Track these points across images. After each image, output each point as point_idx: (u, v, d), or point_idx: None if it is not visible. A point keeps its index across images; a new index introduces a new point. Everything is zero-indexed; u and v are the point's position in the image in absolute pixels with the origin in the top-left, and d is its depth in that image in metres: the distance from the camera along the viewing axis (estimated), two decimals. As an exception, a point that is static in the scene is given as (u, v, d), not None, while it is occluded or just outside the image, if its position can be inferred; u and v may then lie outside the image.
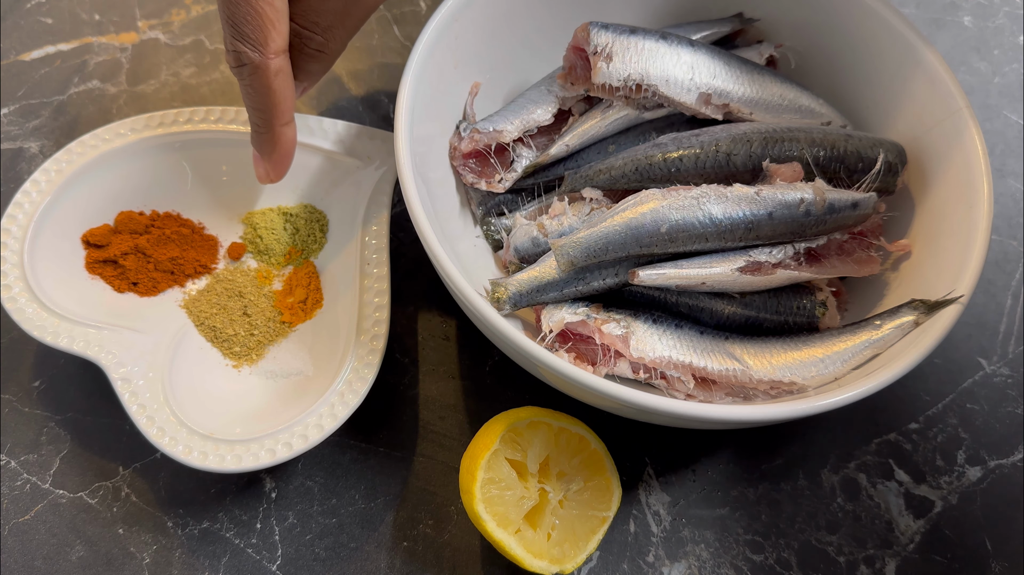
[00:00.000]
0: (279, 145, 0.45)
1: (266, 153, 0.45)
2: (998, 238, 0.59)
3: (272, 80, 0.41)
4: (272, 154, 0.45)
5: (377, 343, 0.47)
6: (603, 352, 0.45)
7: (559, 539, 0.44)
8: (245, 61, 0.40)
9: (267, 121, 0.43)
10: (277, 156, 0.45)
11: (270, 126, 0.43)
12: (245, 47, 0.39)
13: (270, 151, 0.45)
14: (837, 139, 0.48)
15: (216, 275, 0.54)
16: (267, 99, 0.42)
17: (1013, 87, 0.67)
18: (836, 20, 0.53)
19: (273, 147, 0.45)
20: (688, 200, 0.44)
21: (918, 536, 0.48)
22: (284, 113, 0.43)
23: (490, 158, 0.52)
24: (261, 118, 0.43)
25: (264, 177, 0.47)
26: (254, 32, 0.39)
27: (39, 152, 0.61)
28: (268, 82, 0.41)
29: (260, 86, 0.41)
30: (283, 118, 0.43)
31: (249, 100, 0.42)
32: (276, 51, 0.40)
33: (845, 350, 0.44)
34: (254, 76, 0.40)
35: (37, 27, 0.68)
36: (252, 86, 0.41)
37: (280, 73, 0.41)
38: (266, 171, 0.46)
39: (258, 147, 0.45)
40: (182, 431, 0.45)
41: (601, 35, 0.48)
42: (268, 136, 0.44)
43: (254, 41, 0.39)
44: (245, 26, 0.39)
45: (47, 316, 0.47)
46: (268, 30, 0.39)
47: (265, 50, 0.40)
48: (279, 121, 0.43)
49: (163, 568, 0.46)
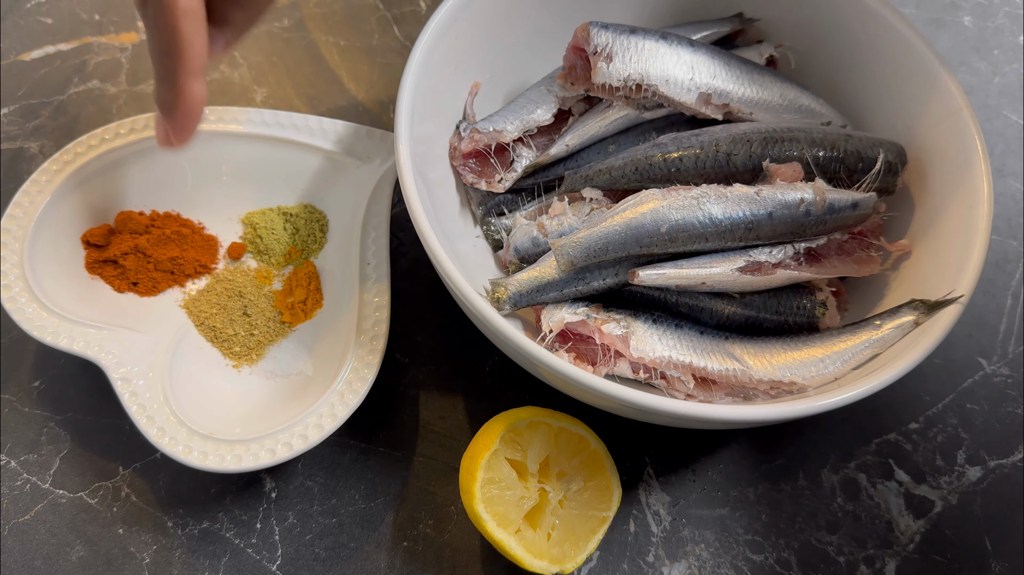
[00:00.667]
0: (183, 100, 0.38)
1: (167, 109, 0.39)
2: (998, 238, 0.59)
3: (179, 20, 0.35)
4: (175, 110, 0.38)
5: (377, 343, 0.47)
6: (603, 352, 0.45)
7: (559, 539, 0.44)
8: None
9: (170, 69, 0.37)
10: (180, 114, 0.39)
11: (174, 75, 0.37)
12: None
13: (172, 107, 0.38)
14: (837, 139, 0.48)
15: (216, 275, 0.54)
16: (173, 42, 0.36)
17: (1013, 87, 0.67)
18: (836, 20, 0.53)
19: (176, 102, 0.38)
20: (688, 200, 0.44)
21: (918, 536, 0.48)
22: (191, 60, 0.37)
23: (490, 158, 0.52)
24: (164, 64, 0.37)
25: (164, 139, 0.40)
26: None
27: (39, 152, 0.61)
28: (174, 22, 0.35)
29: (164, 25, 0.36)
30: (189, 65, 0.37)
31: (152, 42, 0.37)
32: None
33: (845, 350, 0.44)
34: (159, 14, 0.35)
35: (37, 27, 0.68)
36: (156, 25, 0.36)
37: (189, 13, 0.36)
38: (166, 132, 0.40)
39: (160, 102, 0.39)
40: (182, 431, 0.45)
41: (601, 35, 0.48)
42: (171, 87, 0.38)
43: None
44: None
45: (47, 316, 0.47)
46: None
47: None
48: (184, 69, 0.37)
49: (163, 568, 0.46)
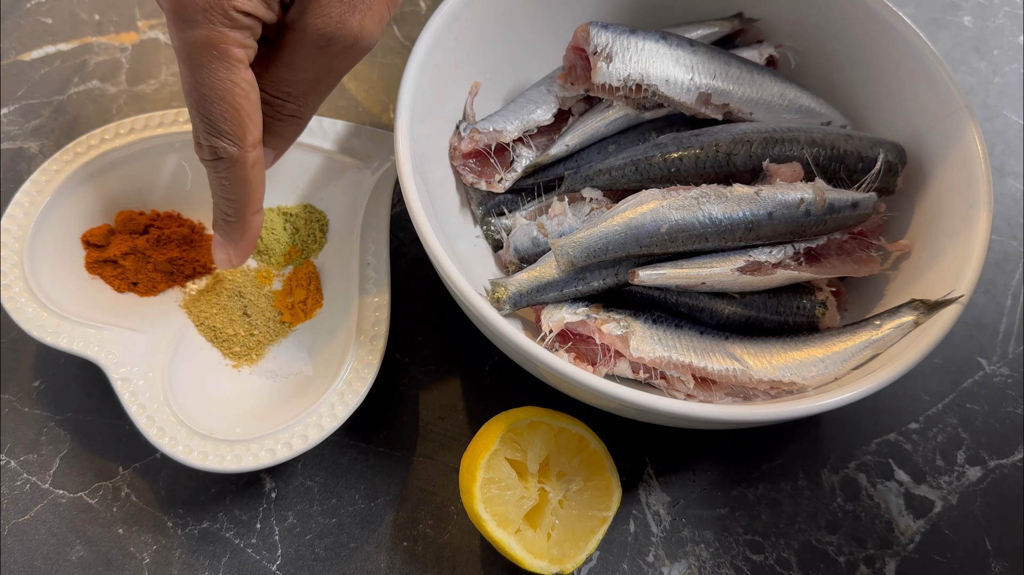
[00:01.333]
0: (247, 233, 0.43)
1: (234, 241, 0.43)
2: (998, 238, 0.59)
3: (249, 171, 0.39)
4: (240, 242, 0.43)
5: (377, 343, 0.47)
6: (603, 352, 0.45)
7: (559, 539, 0.44)
8: (223, 155, 0.38)
9: (239, 211, 0.41)
10: (245, 243, 0.43)
11: (242, 216, 0.41)
12: (223, 142, 0.37)
13: (238, 239, 0.43)
14: (837, 139, 0.48)
15: (216, 275, 0.54)
16: (243, 190, 0.40)
17: (1013, 87, 0.67)
18: (836, 20, 0.53)
19: (242, 235, 0.43)
20: (688, 200, 0.44)
21: (918, 536, 0.48)
22: (256, 202, 0.41)
23: (490, 158, 0.52)
24: (233, 208, 0.41)
25: (226, 263, 0.45)
26: (232, 128, 0.37)
27: (39, 152, 0.61)
28: (246, 174, 0.39)
29: (236, 179, 0.39)
30: (255, 207, 0.41)
31: (221, 192, 0.40)
32: (254, 143, 0.38)
33: (845, 350, 0.44)
34: (231, 170, 0.39)
35: (37, 27, 0.68)
36: (228, 179, 0.39)
37: (256, 164, 0.39)
38: (228, 257, 0.44)
39: (225, 234, 0.43)
40: (182, 431, 0.45)
41: (601, 35, 0.48)
42: (238, 225, 0.42)
43: (232, 136, 0.37)
44: (223, 123, 0.37)
45: (47, 316, 0.47)
46: (246, 123, 0.37)
47: (243, 144, 0.38)
48: (251, 210, 0.41)
49: (163, 568, 0.46)
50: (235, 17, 0.35)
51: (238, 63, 0.36)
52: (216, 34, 0.34)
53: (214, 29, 0.34)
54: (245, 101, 0.37)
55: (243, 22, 0.35)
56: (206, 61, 0.35)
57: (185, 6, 0.34)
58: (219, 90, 0.36)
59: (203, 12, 0.34)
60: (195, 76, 0.36)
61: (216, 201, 0.42)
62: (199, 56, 0.35)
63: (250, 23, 0.35)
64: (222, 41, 0.35)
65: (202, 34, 0.34)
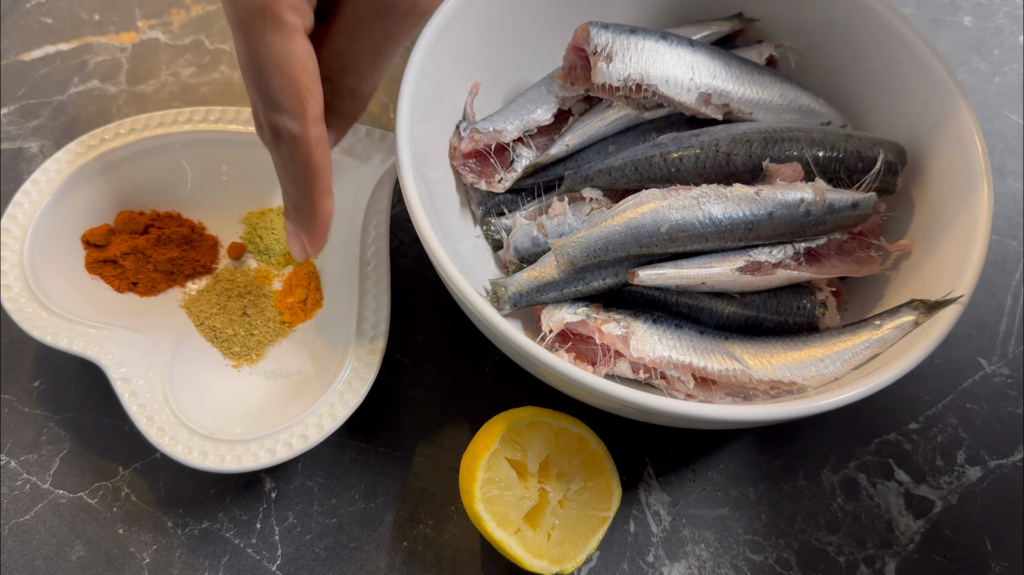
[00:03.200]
0: (319, 217, 0.40)
1: (305, 227, 0.40)
2: (998, 238, 0.59)
3: (313, 150, 0.37)
4: (312, 228, 0.40)
5: (377, 343, 0.47)
6: (603, 352, 0.45)
7: (559, 539, 0.44)
8: (284, 134, 0.36)
9: (308, 194, 0.39)
10: (317, 229, 0.40)
11: (310, 199, 0.39)
12: (283, 118, 0.35)
13: (311, 225, 0.40)
14: (837, 139, 0.48)
15: (216, 275, 0.54)
16: (308, 171, 0.37)
17: (1013, 87, 0.67)
18: (836, 20, 0.53)
19: (315, 220, 0.40)
20: (688, 200, 0.44)
21: (918, 536, 0.48)
22: (324, 183, 0.38)
23: (490, 158, 0.52)
24: (301, 191, 0.39)
25: (301, 253, 0.42)
26: (292, 101, 0.35)
27: (39, 152, 0.61)
28: (310, 153, 0.37)
29: (301, 158, 0.37)
30: (323, 188, 0.39)
31: (287, 174, 0.38)
32: (315, 118, 0.36)
33: (845, 350, 0.44)
34: (294, 148, 0.36)
35: (37, 27, 0.68)
36: (292, 159, 0.37)
37: (320, 141, 0.37)
38: (303, 246, 0.42)
39: (296, 221, 0.41)
40: (182, 431, 0.45)
41: (601, 35, 0.48)
42: (309, 210, 0.39)
43: (293, 111, 0.35)
44: (281, 96, 0.34)
45: (47, 316, 0.47)
46: (306, 97, 0.35)
47: (304, 119, 0.35)
48: (320, 192, 0.39)
49: (163, 568, 0.46)
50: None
51: (294, 30, 0.33)
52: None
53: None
54: (303, 73, 0.34)
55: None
56: (260, 29, 0.33)
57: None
58: (275, 60, 0.34)
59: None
60: (249, 46, 0.33)
61: (283, 187, 0.40)
62: (252, 24, 0.33)
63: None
64: (276, 5, 0.33)
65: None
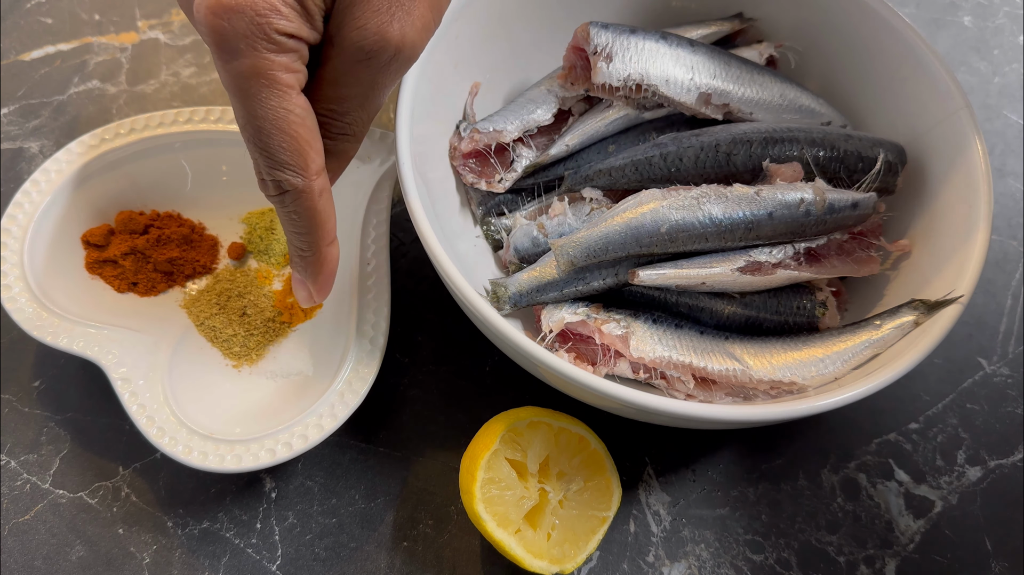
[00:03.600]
0: (325, 266, 0.40)
1: (312, 276, 0.41)
2: (998, 238, 0.59)
3: (317, 201, 0.37)
4: (318, 276, 0.41)
5: (377, 343, 0.47)
6: (603, 352, 0.45)
7: (559, 539, 0.44)
8: (288, 188, 0.36)
9: (313, 244, 0.39)
10: (323, 278, 0.41)
11: (316, 249, 0.39)
12: (286, 174, 0.35)
13: (316, 273, 0.41)
14: (837, 139, 0.48)
15: (216, 275, 0.54)
16: (313, 222, 0.38)
17: (1013, 87, 0.67)
18: (836, 20, 0.53)
19: (320, 269, 0.40)
20: (688, 200, 0.44)
21: (918, 536, 0.48)
22: (329, 233, 0.39)
23: (490, 158, 0.52)
24: (306, 242, 0.39)
25: (307, 300, 0.42)
26: (293, 158, 0.35)
27: (39, 152, 0.61)
28: (313, 204, 0.37)
29: (305, 210, 0.37)
30: (328, 238, 0.39)
31: (292, 226, 0.38)
32: (318, 171, 0.36)
33: (845, 350, 0.44)
34: (298, 202, 0.37)
35: (37, 27, 0.68)
36: (296, 212, 0.37)
37: (324, 192, 0.37)
38: (309, 294, 0.42)
39: (303, 271, 0.41)
40: (182, 431, 0.45)
41: (601, 35, 0.48)
42: (314, 259, 0.40)
43: (295, 167, 0.35)
44: (282, 154, 0.35)
45: (47, 316, 0.47)
46: (306, 151, 0.35)
47: (307, 173, 0.36)
48: (325, 242, 0.39)
49: (163, 568, 0.46)
50: (279, 41, 0.33)
51: (288, 89, 0.34)
52: (262, 61, 0.33)
53: (259, 56, 0.33)
54: (302, 128, 0.35)
55: (288, 45, 0.33)
56: (255, 91, 0.33)
57: (227, 36, 0.32)
58: (273, 120, 0.34)
59: (246, 40, 0.32)
60: (247, 108, 0.34)
61: (289, 239, 0.40)
62: (247, 87, 0.33)
63: (295, 45, 0.34)
64: (269, 68, 0.33)
65: (247, 63, 0.33)
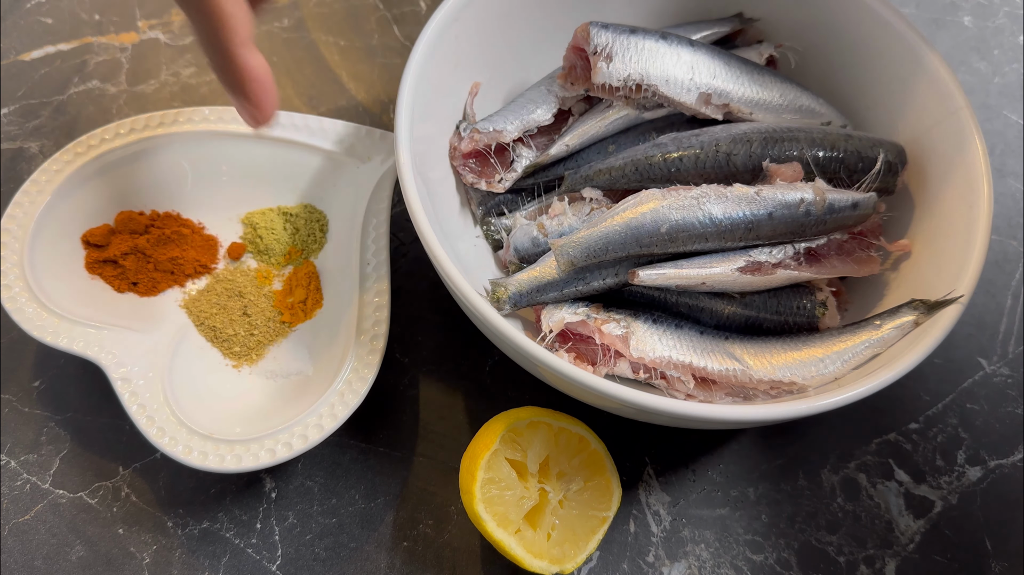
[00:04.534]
0: (248, 72, 0.36)
1: (237, 87, 0.37)
2: (998, 238, 0.59)
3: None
4: (244, 86, 0.36)
5: (377, 343, 0.47)
6: (603, 352, 0.45)
7: (559, 539, 0.44)
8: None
9: (221, 47, 0.35)
10: (250, 87, 0.36)
11: (226, 51, 0.35)
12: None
13: (239, 82, 0.36)
14: (837, 139, 0.48)
15: (216, 275, 0.54)
16: (218, 21, 0.34)
17: (1013, 87, 0.67)
18: (836, 20, 0.53)
19: (241, 77, 0.36)
20: (688, 200, 0.44)
21: (918, 536, 0.48)
22: (238, 31, 0.35)
23: (490, 158, 0.52)
24: (213, 46, 0.35)
25: (251, 120, 0.38)
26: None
27: (39, 152, 0.61)
28: (216, 2, 0.33)
29: (208, 8, 0.34)
30: (237, 37, 0.35)
31: (196, 31, 0.35)
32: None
33: (845, 350, 0.44)
34: (202, 1, 0.33)
35: (37, 27, 0.68)
36: (201, 11, 0.34)
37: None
38: (250, 112, 0.38)
39: (227, 84, 0.37)
40: (182, 431, 0.45)
41: (601, 35, 0.48)
42: (229, 65, 0.36)
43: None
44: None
45: (47, 316, 0.47)
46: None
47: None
48: (234, 42, 0.35)
49: (163, 568, 0.46)
50: None
51: None
52: None
53: None
54: None
55: None
56: None
57: None
58: None
59: None
60: None
61: (204, 52, 0.36)
62: None
63: None
64: None
65: None
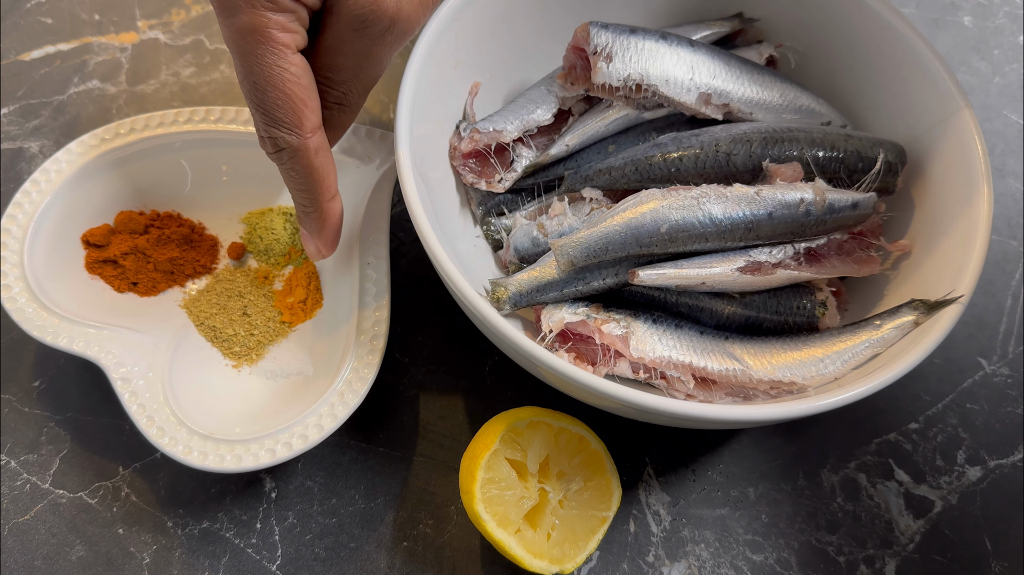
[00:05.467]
0: (328, 221, 0.43)
1: (316, 231, 0.43)
2: (998, 238, 0.59)
3: (313, 159, 0.39)
4: (322, 231, 0.43)
5: (377, 343, 0.47)
6: (603, 352, 0.45)
7: (559, 539, 0.44)
8: (283, 146, 0.38)
9: (314, 200, 0.41)
10: (327, 232, 0.43)
11: (317, 204, 0.42)
12: (281, 132, 0.38)
13: (320, 228, 0.43)
14: (837, 139, 0.48)
15: (216, 275, 0.54)
16: (311, 178, 0.40)
17: (1013, 87, 0.67)
18: (836, 20, 0.53)
19: (323, 224, 0.43)
20: (688, 200, 0.44)
21: (918, 536, 0.48)
22: (329, 189, 0.41)
23: (490, 158, 0.52)
24: (307, 198, 0.41)
25: (316, 254, 0.45)
26: (288, 115, 0.37)
27: (39, 152, 0.61)
28: (310, 161, 0.39)
29: (302, 167, 0.39)
30: (329, 194, 0.41)
31: (292, 183, 0.41)
32: (313, 129, 0.38)
33: (845, 350, 0.44)
34: (295, 159, 0.39)
35: (37, 27, 0.68)
36: (294, 169, 0.39)
37: (320, 150, 0.39)
38: (317, 248, 0.45)
39: (307, 226, 0.44)
40: (182, 431, 0.45)
41: (601, 35, 0.48)
42: (316, 214, 0.42)
43: (289, 124, 0.37)
44: (277, 111, 0.37)
45: (47, 316, 0.47)
46: (301, 110, 0.37)
47: (302, 131, 0.38)
48: (325, 198, 0.41)
49: (163, 568, 0.46)
50: (277, 0, 0.35)
51: (284, 48, 0.36)
52: (259, 19, 0.35)
53: (256, 14, 0.35)
54: (296, 86, 0.36)
55: (285, 4, 0.35)
56: (252, 48, 0.35)
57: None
58: (268, 77, 0.36)
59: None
60: (245, 65, 0.36)
61: (292, 195, 0.42)
62: (245, 44, 0.35)
63: (292, 6, 0.35)
64: (265, 26, 0.35)
65: (245, 20, 0.35)
